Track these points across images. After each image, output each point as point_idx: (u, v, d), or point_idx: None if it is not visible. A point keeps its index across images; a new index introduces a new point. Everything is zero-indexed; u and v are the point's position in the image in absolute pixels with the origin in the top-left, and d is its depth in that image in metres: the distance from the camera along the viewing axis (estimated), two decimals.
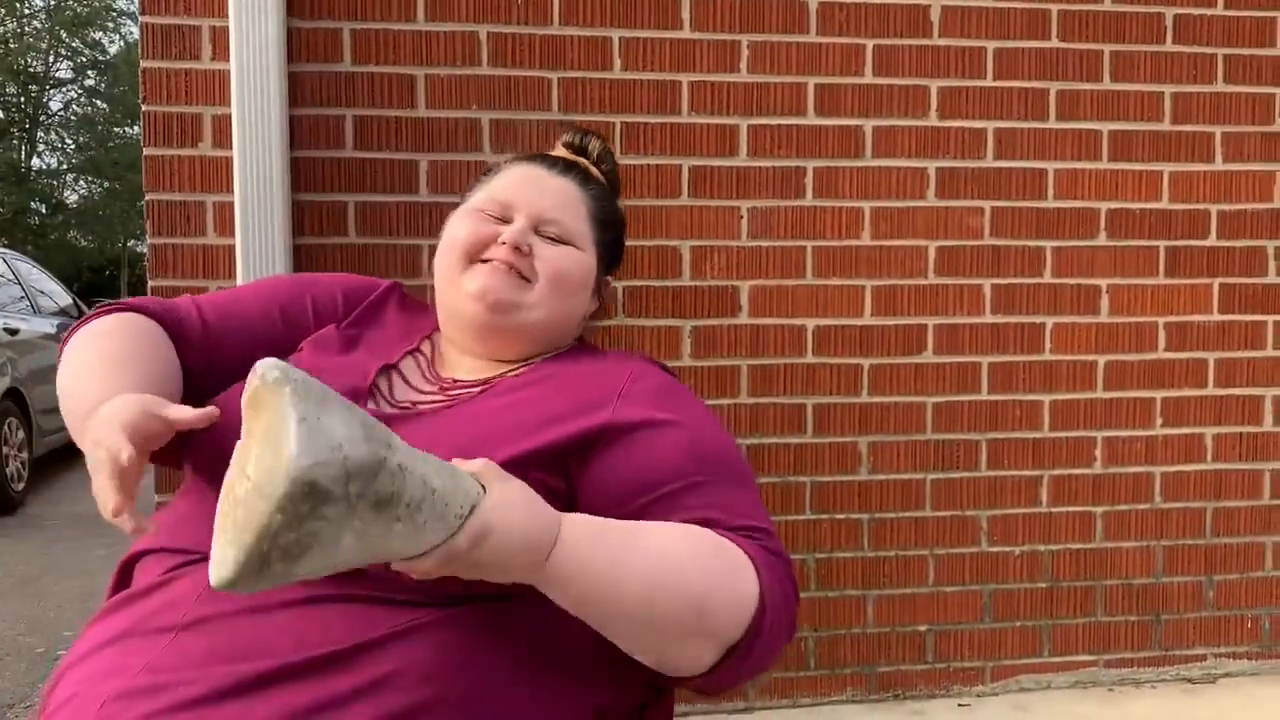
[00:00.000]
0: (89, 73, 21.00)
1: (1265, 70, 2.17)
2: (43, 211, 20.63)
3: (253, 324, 1.12)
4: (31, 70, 19.96)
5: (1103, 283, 2.14)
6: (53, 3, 20.14)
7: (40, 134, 20.65)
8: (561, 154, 1.20)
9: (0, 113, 19.61)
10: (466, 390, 1.00)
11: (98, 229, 21.00)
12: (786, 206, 2.02)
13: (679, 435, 0.92)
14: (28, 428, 5.46)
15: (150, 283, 1.83)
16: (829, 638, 2.09)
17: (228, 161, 1.80)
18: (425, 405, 0.99)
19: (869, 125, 2.04)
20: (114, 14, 20.88)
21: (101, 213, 20.66)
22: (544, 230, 1.06)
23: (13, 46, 19.23)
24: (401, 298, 1.20)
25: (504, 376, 1.02)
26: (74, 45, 20.46)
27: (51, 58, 20.39)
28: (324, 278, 1.22)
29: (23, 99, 20.08)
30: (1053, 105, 2.10)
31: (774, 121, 2.01)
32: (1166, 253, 2.17)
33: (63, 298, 7.01)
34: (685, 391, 1.03)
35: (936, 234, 2.08)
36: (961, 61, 2.06)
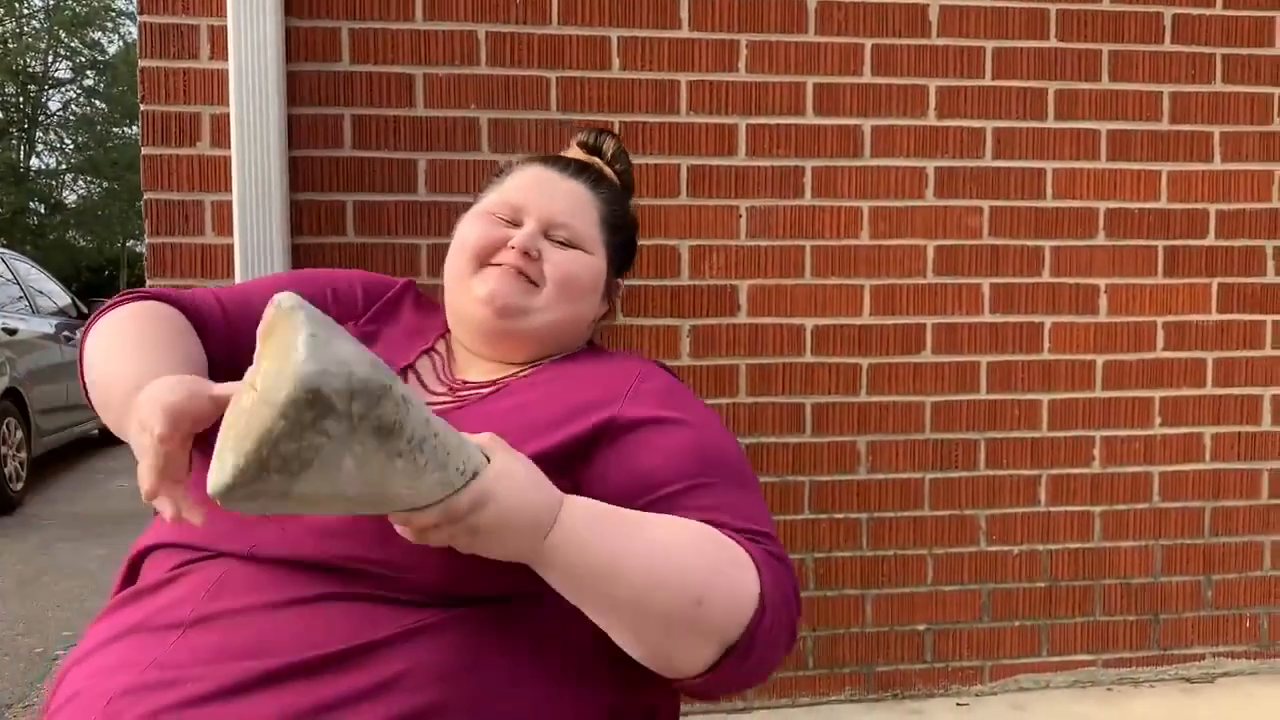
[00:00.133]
0: (88, 72, 20.98)
1: (1264, 70, 2.17)
2: (41, 211, 20.61)
3: None
4: (30, 70, 19.93)
5: (1101, 282, 2.15)
6: (51, 3, 20.12)
7: (39, 134, 20.62)
8: (575, 154, 1.19)
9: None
10: (475, 391, 1.01)
11: (96, 229, 20.98)
12: (785, 206, 2.02)
13: (684, 435, 0.92)
14: (26, 428, 5.46)
15: (149, 282, 1.83)
16: (828, 637, 2.09)
17: (226, 161, 1.80)
18: (436, 405, 0.98)
19: (867, 125, 2.04)
20: (113, 14, 20.86)
21: (100, 213, 20.64)
22: (554, 234, 1.06)
23: (11, 46, 19.21)
24: (416, 296, 1.20)
25: (512, 378, 1.02)
26: (73, 45, 20.44)
27: (50, 58, 20.37)
28: (342, 273, 1.22)
29: (21, 99, 20.05)
30: (1051, 105, 2.10)
31: (772, 121, 2.01)
32: (1165, 252, 2.17)
33: (61, 298, 7.00)
34: (690, 394, 1.03)
35: (935, 233, 2.08)
36: (960, 61, 2.07)
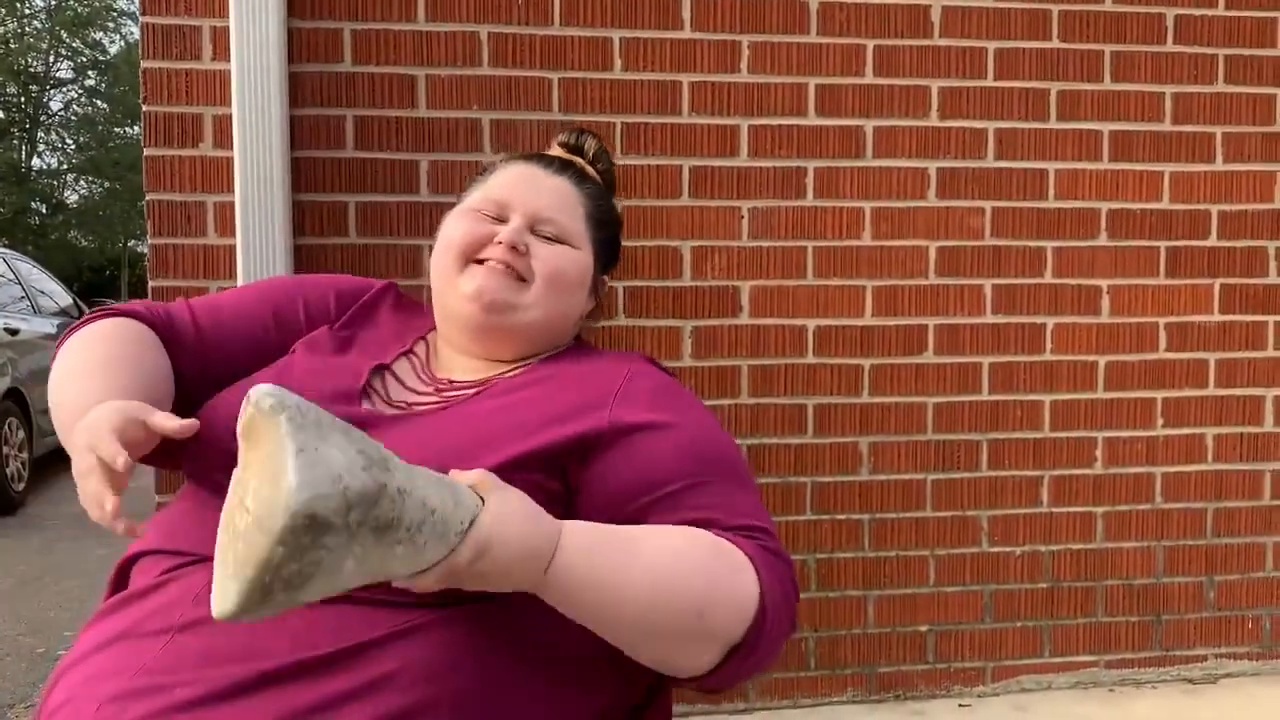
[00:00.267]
0: (89, 73, 21.01)
1: (1266, 70, 2.17)
2: (43, 211, 20.63)
3: (245, 327, 1.11)
4: (32, 70, 19.96)
5: (1103, 283, 2.14)
6: (53, 3, 20.14)
7: (41, 134, 20.65)
8: (557, 153, 1.20)
9: (1, 113, 19.61)
10: (462, 391, 1.00)
11: (98, 229, 21.01)
12: (787, 207, 2.02)
13: (677, 436, 0.93)
14: (28, 428, 5.46)
15: (151, 283, 1.83)
16: (829, 638, 2.09)
17: (228, 162, 1.80)
18: (420, 406, 0.98)
19: (870, 125, 2.04)
20: (114, 14, 20.89)
21: (102, 213, 20.67)
22: (540, 230, 1.06)
23: (13, 46, 19.23)
24: (397, 298, 1.20)
25: (500, 378, 1.02)
26: (74, 45, 20.47)
27: (52, 58, 20.40)
28: (317, 279, 1.22)
29: (23, 99, 20.08)
30: (1053, 105, 2.10)
31: (775, 122, 2.01)
32: (1167, 253, 2.17)
33: (63, 298, 7.01)
34: (682, 390, 1.02)
35: (937, 234, 2.08)
36: (962, 62, 2.06)
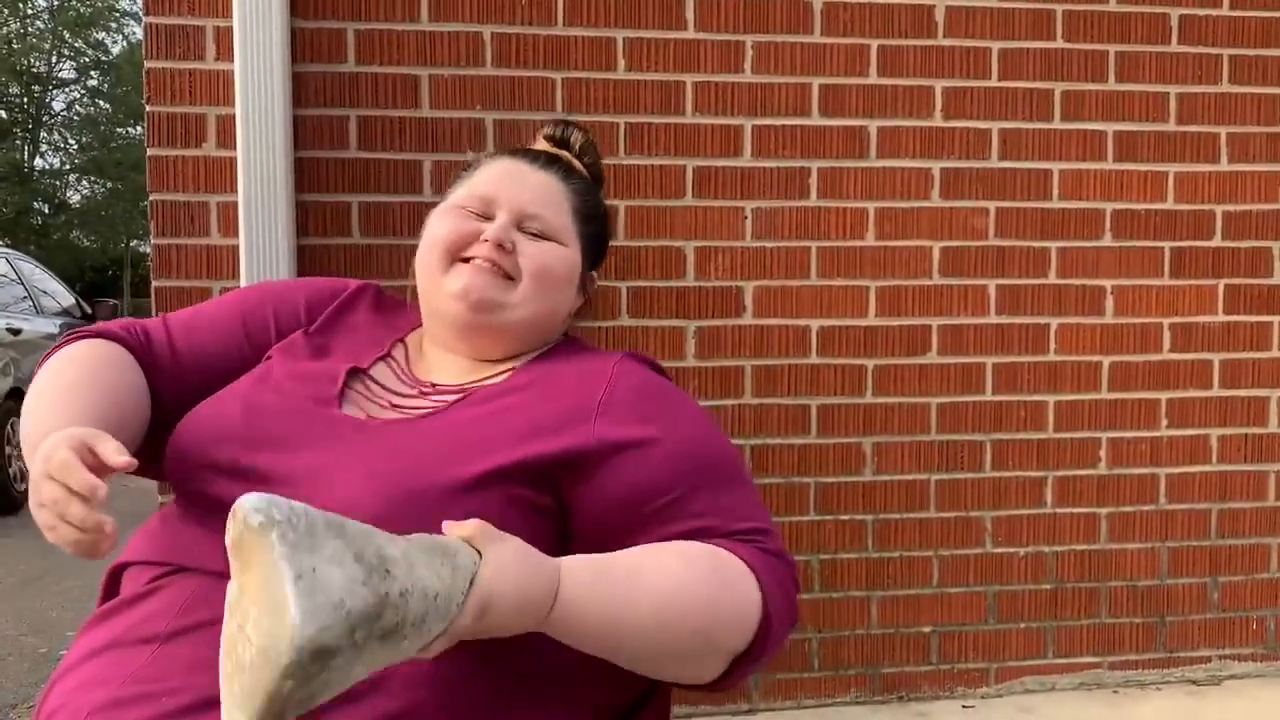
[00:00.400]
0: (92, 73, 21.04)
1: (1271, 71, 2.17)
2: (46, 211, 20.66)
3: (219, 341, 1.10)
4: (35, 70, 19.99)
5: (1107, 283, 2.14)
6: (56, 3, 20.17)
7: (43, 134, 20.68)
8: (543, 148, 1.17)
9: (3, 113, 19.65)
10: (445, 396, 0.98)
11: (101, 229, 21.04)
12: (791, 207, 2.02)
13: (666, 449, 0.91)
14: None
15: (154, 283, 1.83)
16: (833, 639, 2.09)
17: (231, 162, 1.80)
18: (401, 411, 0.96)
19: (873, 126, 2.04)
20: (117, 14, 20.93)
21: (104, 213, 20.70)
22: (527, 226, 1.04)
23: (16, 47, 19.26)
24: (376, 297, 1.17)
25: (484, 382, 1.00)
26: (77, 45, 20.51)
27: (55, 58, 20.42)
28: (289, 286, 1.19)
29: (26, 99, 20.11)
30: (1058, 106, 2.10)
31: (778, 122, 2.01)
32: (1171, 253, 2.16)
33: (65, 298, 7.02)
34: (669, 389, 1.00)
35: (941, 234, 2.07)
36: (966, 62, 2.06)
